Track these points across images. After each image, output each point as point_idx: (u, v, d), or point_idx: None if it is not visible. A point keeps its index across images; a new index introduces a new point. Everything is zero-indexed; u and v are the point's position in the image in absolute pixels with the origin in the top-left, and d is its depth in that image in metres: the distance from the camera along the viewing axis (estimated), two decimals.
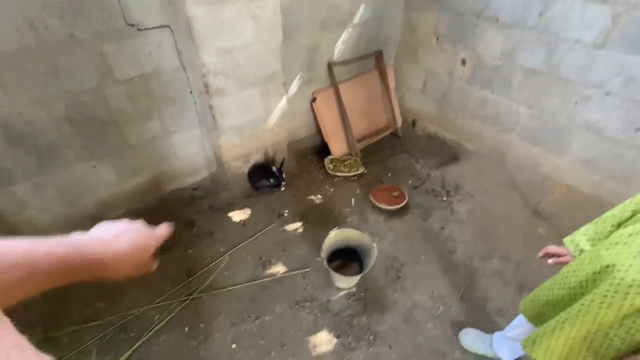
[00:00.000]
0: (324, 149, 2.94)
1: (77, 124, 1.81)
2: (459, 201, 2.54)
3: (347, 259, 2.05)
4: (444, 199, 2.56)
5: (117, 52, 1.75)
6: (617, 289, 0.78)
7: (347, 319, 1.80)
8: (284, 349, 1.67)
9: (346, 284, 1.93)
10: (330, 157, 2.87)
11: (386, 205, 2.41)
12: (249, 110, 2.21)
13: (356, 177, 2.76)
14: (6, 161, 1.70)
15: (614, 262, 0.79)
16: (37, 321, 1.70)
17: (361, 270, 1.92)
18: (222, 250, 2.12)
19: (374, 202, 2.43)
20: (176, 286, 1.90)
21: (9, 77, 1.54)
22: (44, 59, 1.58)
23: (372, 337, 1.72)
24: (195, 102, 2.18)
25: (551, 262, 1.11)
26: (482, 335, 1.65)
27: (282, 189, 2.58)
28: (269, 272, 2.01)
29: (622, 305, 0.77)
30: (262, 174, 2.50)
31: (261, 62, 2.05)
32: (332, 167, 2.78)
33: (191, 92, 2.12)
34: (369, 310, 1.84)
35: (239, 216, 2.37)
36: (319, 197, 2.57)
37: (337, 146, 2.91)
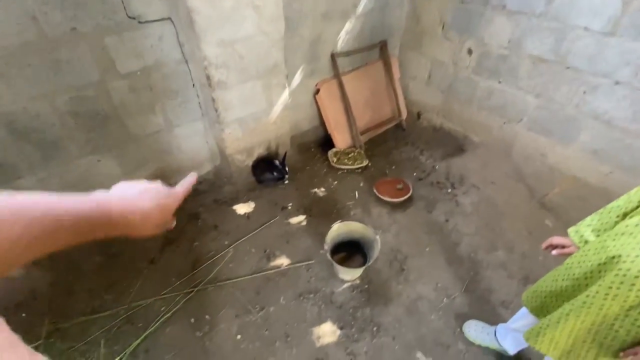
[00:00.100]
0: (328, 142, 2.93)
1: (80, 118, 1.82)
2: (464, 193, 2.51)
3: (351, 251, 2.05)
4: (449, 191, 2.54)
5: (118, 45, 1.74)
6: (622, 280, 0.76)
7: (350, 310, 1.81)
8: (288, 339, 1.69)
9: (350, 276, 1.93)
10: (333, 149, 2.86)
11: (390, 197, 2.40)
12: (252, 103, 2.20)
13: (360, 170, 2.75)
14: (11, 155, 1.72)
15: (619, 253, 0.77)
16: (45, 312, 1.74)
17: (365, 262, 1.92)
18: (226, 243, 2.14)
19: (377, 194, 2.42)
20: (182, 278, 1.92)
21: (12, 72, 1.54)
22: (46, 53, 1.58)
23: (375, 329, 1.73)
24: (197, 95, 2.17)
25: (555, 254, 1.10)
26: (486, 327, 1.65)
27: (286, 182, 2.58)
28: (273, 264, 2.02)
29: (628, 296, 0.76)
30: (266, 167, 2.50)
31: (263, 54, 2.04)
32: (335, 159, 2.77)
33: (193, 85, 2.11)
34: (373, 302, 1.84)
35: (243, 209, 2.38)
36: (322, 190, 2.57)
37: (341, 139, 2.89)
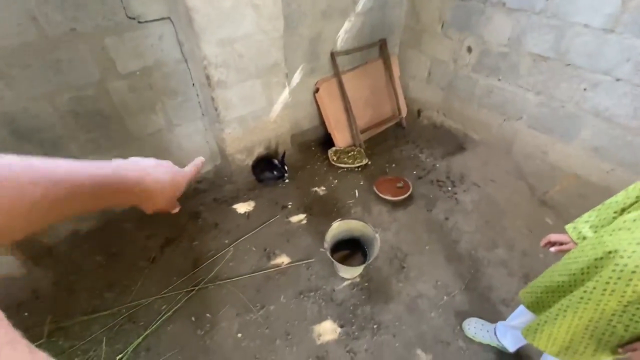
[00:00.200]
0: (328, 141, 2.93)
1: (81, 118, 1.83)
2: (464, 191, 2.51)
3: (352, 249, 2.05)
4: (449, 189, 2.54)
5: (118, 45, 1.75)
6: (620, 276, 0.76)
7: (351, 308, 1.81)
8: (289, 338, 1.69)
9: (350, 274, 1.93)
10: (334, 148, 2.86)
11: (390, 196, 2.40)
12: (252, 102, 2.21)
13: (360, 169, 2.75)
14: None
15: (616, 248, 0.77)
16: (47, 311, 1.75)
17: (365, 260, 1.92)
18: (227, 241, 2.14)
19: (377, 193, 2.42)
20: (182, 277, 1.93)
21: (13, 72, 1.55)
22: (47, 53, 1.59)
23: (376, 327, 1.73)
24: (197, 95, 2.18)
25: (553, 250, 1.09)
26: (486, 324, 1.65)
27: (286, 181, 2.58)
28: (273, 263, 2.03)
29: (625, 291, 0.76)
30: (266, 166, 2.50)
31: (262, 53, 2.04)
32: (335, 158, 2.77)
33: (193, 84, 2.12)
34: (373, 299, 1.85)
35: (243, 208, 2.38)
36: (322, 188, 2.57)
37: (341, 137, 2.89)
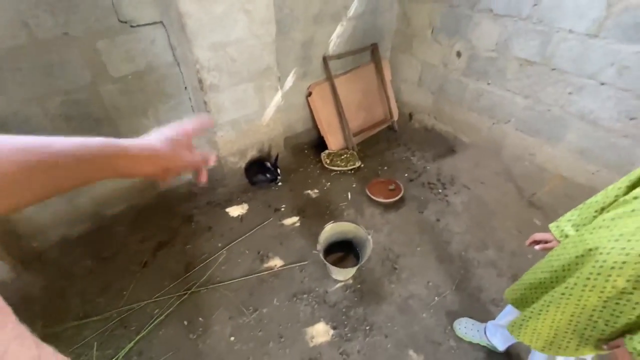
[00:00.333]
0: (321, 144, 2.95)
1: (72, 121, 1.83)
2: (454, 193, 2.55)
3: (345, 251, 2.07)
4: (440, 191, 2.57)
5: (110, 49, 1.75)
6: (599, 272, 0.79)
7: (343, 310, 1.82)
8: (282, 340, 1.69)
9: (342, 276, 1.95)
10: (326, 151, 2.88)
11: (382, 198, 2.42)
12: (244, 105, 2.22)
13: (353, 171, 2.77)
14: None
15: (596, 245, 0.80)
16: (38, 317, 1.73)
17: (358, 262, 1.94)
18: (220, 245, 2.14)
19: (370, 195, 2.45)
20: (175, 281, 1.92)
21: (4, 76, 1.55)
22: (38, 57, 1.59)
23: (368, 328, 1.75)
24: (190, 98, 2.19)
25: (538, 249, 1.13)
26: (476, 324, 1.67)
27: (279, 184, 2.59)
28: (266, 265, 2.03)
29: (605, 287, 0.79)
30: (259, 169, 2.51)
31: (255, 57, 2.06)
32: (328, 161, 2.79)
33: (186, 88, 2.13)
34: (365, 301, 1.86)
35: (236, 211, 2.39)
36: (315, 191, 2.58)
37: (334, 140, 2.91)
